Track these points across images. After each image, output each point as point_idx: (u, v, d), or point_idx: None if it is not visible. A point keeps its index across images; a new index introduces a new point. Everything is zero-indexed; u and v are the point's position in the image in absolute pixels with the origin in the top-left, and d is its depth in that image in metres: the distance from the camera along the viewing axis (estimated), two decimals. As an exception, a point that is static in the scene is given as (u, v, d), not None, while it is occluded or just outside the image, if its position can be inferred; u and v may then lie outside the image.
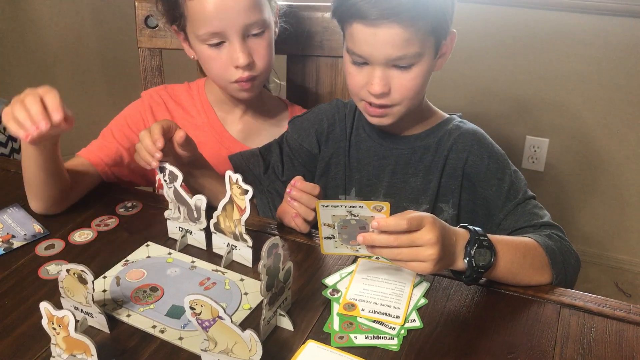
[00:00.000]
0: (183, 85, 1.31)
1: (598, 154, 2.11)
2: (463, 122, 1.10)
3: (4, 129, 2.79)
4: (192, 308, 0.72)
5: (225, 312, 0.70)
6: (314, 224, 1.00)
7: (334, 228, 0.86)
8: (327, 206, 0.83)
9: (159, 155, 0.97)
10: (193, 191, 1.10)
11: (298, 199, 0.98)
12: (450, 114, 1.12)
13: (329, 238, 0.87)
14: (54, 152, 1.03)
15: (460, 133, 1.07)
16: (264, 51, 1.15)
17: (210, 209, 0.97)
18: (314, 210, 0.99)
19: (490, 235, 0.87)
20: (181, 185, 0.99)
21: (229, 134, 1.27)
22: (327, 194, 1.15)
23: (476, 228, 0.86)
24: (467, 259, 0.84)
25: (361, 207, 0.81)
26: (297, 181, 0.99)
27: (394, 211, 1.09)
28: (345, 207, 0.82)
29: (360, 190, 1.13)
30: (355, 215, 0.83)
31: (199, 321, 0.72)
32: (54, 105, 0.91)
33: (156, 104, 1.27)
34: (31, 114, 0.90)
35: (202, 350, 0.75)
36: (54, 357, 0.78)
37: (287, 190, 0.99)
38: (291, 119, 1.20)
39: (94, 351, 0.73)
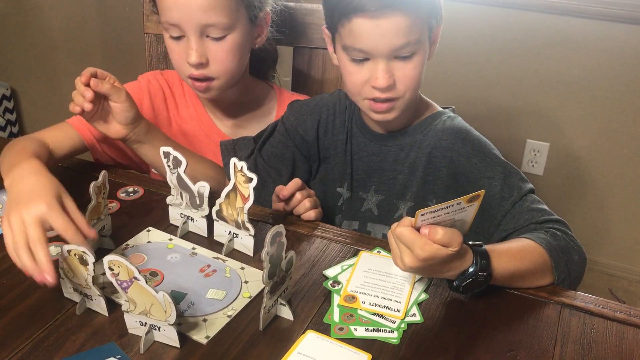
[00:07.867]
0: (176, 72, 1.25)
1: (598, 159, 2.12)
2: (451, 118, 1.07)
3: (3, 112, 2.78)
4: (110, 268, 0.74)
5: (139, 272, 0.73)
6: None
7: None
8: (425, 214, 0.79)
9: (89, 95, 1.02)
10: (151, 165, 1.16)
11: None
12: (443, 107, 1.11)
13: None
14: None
15: (444, 130, 1.05)
16: (221, 55, 1.12)
17: (213, 196, 0.96)
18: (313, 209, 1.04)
19: (488, 248, 0.84)
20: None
21: (217, 128, 1.26)
22: (326, 185, 1.15)
23: (480, 262, 0.82)
24: (456, 283, 0.84)
25: (459, 203, 0.78)
26: (284, 190, 1.03)
27: (384, 207, 1.10)
28: (446, 207, 0.78)
29: (352, 185, 1.12)
30: (457, 211, 0.79)
31: (118, 282, 0.75)
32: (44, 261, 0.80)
33: (155, 90, 1.25)
34: (37, 260, 0.81)
35: (124, 311, 0.78)
36: None
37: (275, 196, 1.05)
38: (291, 102, 1.19)
39: None
